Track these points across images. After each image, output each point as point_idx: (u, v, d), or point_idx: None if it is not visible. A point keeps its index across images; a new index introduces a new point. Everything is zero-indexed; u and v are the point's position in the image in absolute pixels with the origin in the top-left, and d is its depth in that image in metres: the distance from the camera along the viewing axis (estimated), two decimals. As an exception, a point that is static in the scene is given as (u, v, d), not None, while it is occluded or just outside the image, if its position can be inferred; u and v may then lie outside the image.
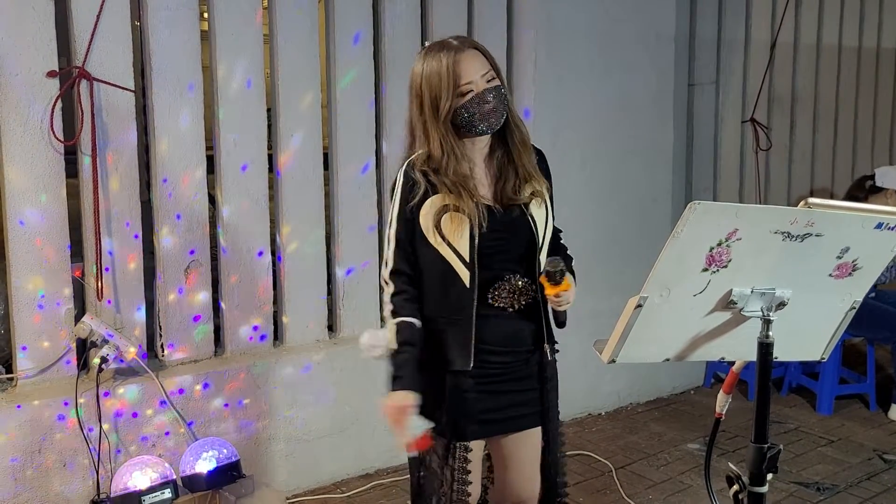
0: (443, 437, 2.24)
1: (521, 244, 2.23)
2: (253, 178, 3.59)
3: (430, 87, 2.15)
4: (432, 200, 2.17)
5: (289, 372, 3.67)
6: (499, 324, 2.23)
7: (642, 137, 4.69)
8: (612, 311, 2.03)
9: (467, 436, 2.24)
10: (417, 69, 2.20)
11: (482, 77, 2.15)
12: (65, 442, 3.17)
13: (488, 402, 2.25)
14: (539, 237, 2.24)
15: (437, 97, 2.14)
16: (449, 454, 2.25)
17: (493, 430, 2.31)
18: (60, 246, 3.18)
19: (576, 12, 4.38)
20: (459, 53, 2.15)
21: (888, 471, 3.97)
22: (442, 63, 2.14)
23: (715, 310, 1.76)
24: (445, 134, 2.16)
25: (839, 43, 5.89)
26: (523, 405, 2.31)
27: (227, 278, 3.58)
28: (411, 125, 2.26)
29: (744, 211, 1.66)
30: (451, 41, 2.20)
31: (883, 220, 1.73)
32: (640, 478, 3.90)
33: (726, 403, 1.98)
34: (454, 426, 2.23)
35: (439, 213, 2.16)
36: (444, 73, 2.13)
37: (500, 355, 2.25)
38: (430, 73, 2.15)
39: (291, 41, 3.62)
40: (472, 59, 2.16)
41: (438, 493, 2.27)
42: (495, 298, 2.22)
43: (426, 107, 2.17)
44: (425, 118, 2.18)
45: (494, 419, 2.27)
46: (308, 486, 3.74)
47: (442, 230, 2.16)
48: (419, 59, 2.21)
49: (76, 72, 3.12)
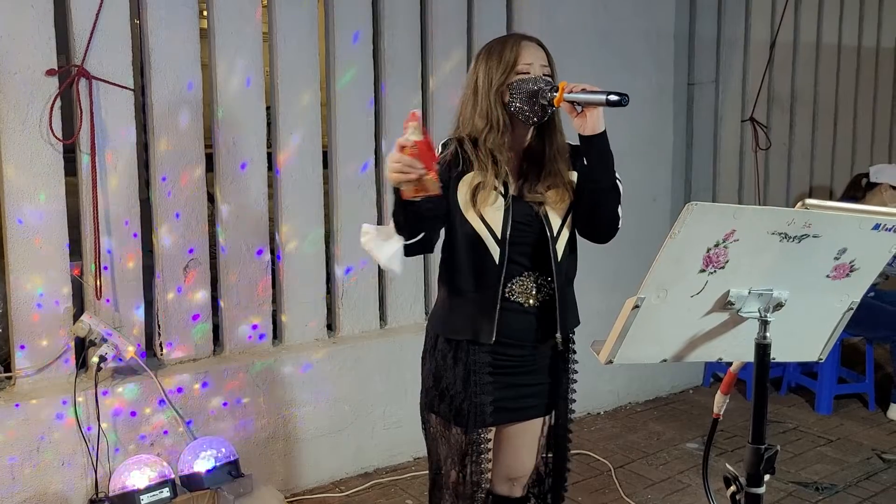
0: (458, 424, 2.28)
1: (535, 240, 2.27)
2: (252, 176, 3.59)
3: (489, 64, 2.25)
4: (471, 175, 2.23)
5: (288, 371, 3.67)
6: (515, 317, 2.28)
7: (642, 136, 4.69)
8: (611, 310, 2.03)
9: (484, 421, 2.29)
10: (480, 53, 2.31)
11: (541, 66, 2.25)
12: (63, 441, 3.17)
13: (502, 389, 2.31)
14: (552, 235, 2.27)
15: (493, 72, 2.23)
16: (465, 439, 2.29)
17: (504, 418, 2.36)
18: (59, 245, 3.18)
19: (576, 11, 4.38)
20: (525, 41, 2.28)
21: (887, 470, 3.97)
22: (506, 45, 2.26)
23: (712, 311, 1.76)
24: (493, 105, 2.23)
25: (839, 42, 5.89)
26: (532, 396, 2.37)
27: (226, 277, 3.58)
28: (459, 109, 2.34)
29: (741, 212, 1.66)
30: (519, 33, 2.38)
31: (880, 221, 1.72)
32: (639, 477, 3.91)
33: (724, 404, 1.98)
34: (471, 406, 2.26)
35: (475, 189, 2.22)
36: (506, 53, 2.24)
37: (512, 347, 2.30)
38: (493, 53, 2.26)
39: (291, 39, 3.62)
40: (534, 49, 2.27)
41: (458, 480, 2.32)
42: (511, 292, 2.27)
43: (480, 82, 2.26)
44: (477, 93, 2.26)
45: (507, 407, 2.33)
46: (307, 486, 3.74)
47: (478, 205, 2.21)
48: (484, 46, 2.34)
49: (75, 70, 3.12)
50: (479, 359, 2.27)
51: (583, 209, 2.30)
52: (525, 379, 2.35)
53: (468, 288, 2.27)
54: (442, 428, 2.34)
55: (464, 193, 2.23)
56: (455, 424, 2.29)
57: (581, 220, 2.32)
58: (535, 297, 2.29)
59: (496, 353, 2.28)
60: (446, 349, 2.31)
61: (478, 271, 2.25)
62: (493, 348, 2.27)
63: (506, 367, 2.31)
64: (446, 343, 2.31)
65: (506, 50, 2.25)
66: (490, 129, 2.23)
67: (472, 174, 2.23)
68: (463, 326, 2.28)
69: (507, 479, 2.49)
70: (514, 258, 2.25)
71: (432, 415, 2.36)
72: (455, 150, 2.25)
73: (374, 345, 3.90)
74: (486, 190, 2.21)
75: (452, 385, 2.29)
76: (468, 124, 2.28)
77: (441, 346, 2.33)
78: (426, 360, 2.39)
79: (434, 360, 2.34)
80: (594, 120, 2.17)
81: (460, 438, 2.30)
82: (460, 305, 2.29)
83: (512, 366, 2.32)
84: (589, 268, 3.23)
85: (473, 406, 2.27)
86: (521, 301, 2.28)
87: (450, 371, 2.30)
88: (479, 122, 2.25)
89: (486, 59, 2.27)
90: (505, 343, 2.28)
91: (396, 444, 3.94)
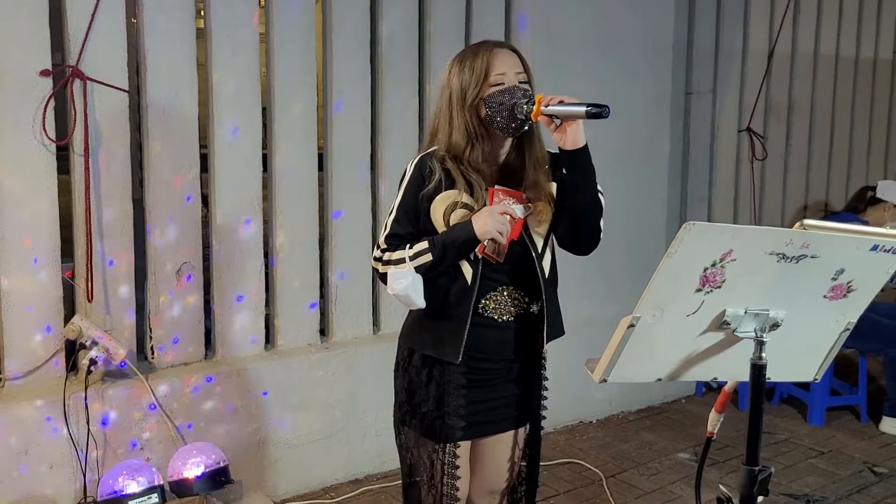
0: (430, 439, 2.28)
1: (516, 256, 2.24)
2: (247, 179, 3.57)
3: (463, 76, 2.19)
4: (447, 193, 2.19)
5: (280, 376, 3.65)
6: (487, 333, 2.25)
7: (638, 145, 4.68)
8: (606, 319, 2.03)
9: (455, 437, 2.27)
10: (452, 63, 2.25)
11: (515, 74, 2.19)
12: (52, 444, 3.14)
13: (475, 405, 2.29)
14: (537, 254, 2.25)
15: (467, 84, 2.18)
16: (437, 455, 2.28)
17: (478, 432, 2.35)
18: (51, 246, 3.15)
19: (574, 18, 4.36)
20: (497, 49, 2.21)
21: (878, 483, 3.96)
22: (478, 55, 2.20)
23: (708, 330, 1.75)
24: (470, 120, 2.18)
25: (836, 53, 5.88)
26: (506, 408, 2.36)
27: (219, 280, 3.56)
28: (434, 121, 2.29)
29: (739, 232, 1.65)
30: (491, 40, 2.28)
31: (878, 243, 1.72)
32: (631, 487, 3.90)
33: (718, 422, 1.97)
34: (442, 426, 2.25)
35: (451, 207, 2.18)
36: (478, 64, 2.18)
37: (485, 362, 2.28)
38: (464, 64, 2.20)
39: (288, 42, 3.60)
40: (508, 57, 2.21)
41: (429, 493, 2.31)
42: (485, 308, 2.24)
43: (454, 95, 2.20)
44: (452, 107, 2.20)
45: (479, 421, 2.32)
46: (297, 492, 3.72)
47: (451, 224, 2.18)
48: (455, 56, 2.27)
49: (69, 71, 3.09)
50: (453, 379, 2.24)
51: (565, 222, 2.26)
52: (499, 391, 2.32)
53: (438, 305, 2.23)
54: (414, 442, 2.33)
55: (440, 209, 2.19)
56: (427, 438, 2.28)
57: (563, 233, 2.29)
58: (509, 312, 2.25)
59: (470, 367, 2.25)
60: (420, 365, 2.29)
61: (449, 291, 2.22)
62: (467, 363, 2.24)
63: (479, 381, 2.28)
64: (421, 359, 2.29)
65: (477, 60, 2.18)
66: (472, 146, 2.19)
67: (449, 192, 2.19)
68: (431, 343, 2.26)
69: (488, 493, 2.48)
70: (490, 275, 2.22)
71: (405, 428, 2.35)
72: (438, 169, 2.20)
73: (367, 350, 3.88)
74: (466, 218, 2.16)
75: (425, 402, 2.27)
76: (445, 141, 2.22)
77: (416, 362, 2.30)
78: (399, 374, 2.37)
79: (408, 375, 2.32)
80: (574, 134, 2.11)
81: (432, 454, 2.28)
82: (430, 322, 2.26)
83: (485, 380, 2.29)
84: (582, 276, 3.25)
85: (445, 426, 2.25)
86: (494, 317, 2.24)
87: (423, 388, 2.28)
88: (460, 138, 2.19)
89: (459, 70, 2.21)
90: (478, 358, 2.26)
91: (388, 450, 3.90)
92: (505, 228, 2.10)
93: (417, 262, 2.16)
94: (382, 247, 2.23)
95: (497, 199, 2.16)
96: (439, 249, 2.14)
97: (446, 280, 2.21)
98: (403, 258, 2.17)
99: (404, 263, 2.16)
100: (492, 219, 2.09)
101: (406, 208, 2.23)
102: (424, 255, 2.15)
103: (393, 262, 2.19)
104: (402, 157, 2.34)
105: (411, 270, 2.15)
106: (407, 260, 2.16)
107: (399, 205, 2.24)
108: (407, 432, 2.35)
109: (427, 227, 2.21)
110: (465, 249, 2.15)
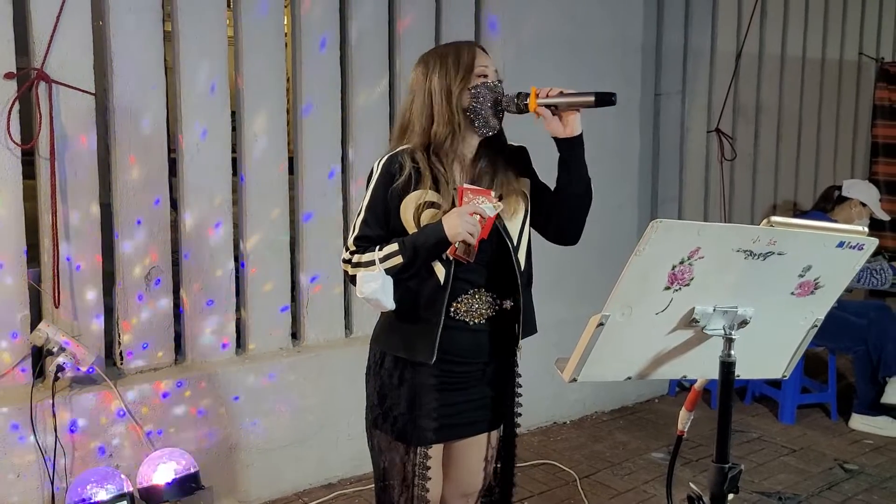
0: (402, 442, 2.26)
1: (491, 255, 2.23)
2: (216, 182, 3.54)
3: (444, 70, 2.19)
4: (416, 193, 2.18)
5: (251, 380, 3.62)
6: (460, 336, 2.24)
7: (609, 145, 4.70)
8: (578, 319, 2.02)
9: (427, 440, 2.26)
10: (426, 60, 2.25)
11: (494, 72, 2.24)
12: (19, 452, 3.09)
13: (447, 407, 2.28)
14: (513, 245, 2.25)
15: (450, 76, 2.19)
16: (409, 458, 2.27)
17: (450, 435, 2.34)
18: (16, 251, 3.11)
19: (544, 21, 4.38)
20: (476, 47, 2.26)
21: (849, 480, 4.00)
22: (461, 50, 2.23)
23: (677, 328, 1.75)
24: (455, 111, 2.19)
25: (803, 54, 5.95)
26: (479, 410, 2.35)
27: (188, 285, 3.53)
28: (403, 119, 2.27)
29: (706, 229, 1.65)
30: (465, 40, 2.34)
31: (844, 239, 1.73)
32: (605, 487, 3.90)
33: (688, 420, 1.97)
34: (414, 429, 2.24)
35: (421, 207, 2.17)
36: (463, 57, 2.20)
37: (459, 365, 2.27)
38: (445, 59, 2.21)
39: (257, 44, 3.58)
40: (486, 56, 2.26)
41: (402, 496, 2.29)
42: (457, 311, 2.23)
43: (436, 87, 2.19)
44: (434, 100, 2.20)
45: (452, 424, 2.31)
46: (270, 497, 3.69)
47: (422, 224, 2.16)
48: (425, 55, 2.28)
49: (34, 73, 3.05)
50: (424, 381, 2.23)
51: (559, 210, 2.28)
52: (471, 394, 2.32)
53: (410, 307, 2.22)
54: (386, 445, 2.31)
55: (410, 209, 2.18)
56: (399, 442, 2.27)
57: (556, 221, 2.30)
58: (481, 315, 2.25)
59: (441, 370, 2.24)
60: (392, 368, 2.27)
61: (421, 293, 2.21)
62: (439, 367, 2.23)
63: (452, 383, 2.28)
64: (392, 362, 2.27)
65: (462, 54, 2.21)
66: (454, 137, 2.19)
67: (420, 192, 2.18)
68: (403, 345, 2.25)
69: (462, 496, 2.47)
70: (462, 276, 2.21)
71: (377, 431, 2.33)
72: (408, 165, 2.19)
73: (339, 354, 3.86)
74: (437, 217, 2.15)
75: (397, 405, 2.26)
76: (422, 134, 2.21)
77: (388, 365, 2.28)
78: (370, 377, 2.35)
79: (379, 378, 2.30)
80: (574, 123, 2.17)
81: (404, 457, 2.27)
82: (402, 324, 2.25)
83: (457, 382, 2.29)
84: (555, 276, 3.22)
85: (417, 429, 2.24)
86: (465, 320, 2.23)
87: (395, 391, 2.26)
88: (442, 129, 2.19)
89: (440, 64, 2.21)
90: (450, 361, 2.25)
91: (361, 454, 3.84)
92: (475, 229, 2.10)
93: (387, 265, 2.14)
94: (352, 249, 2.21)
95: (466, 198, 2.16)
96: (410, 252, 2.13)
97: (417, 281, 2.20)
98: (373, 260, 2.16)
99: (374, 266, 2.15)
100: (461, 220, 2.09)
101: (374, 209, 2.21)
102: (395, 258, 2.14)
103: (363, 264, 2.18)
104: (373, 159, 2.32)
105: (381, 273, 2.14)
106: (377, 262, 2.15)
107: (367, 206, 2.23)
108: (379, 436, 2.33)
109: (396, 226, 2.20)
110: (436, 251, 2.14)
